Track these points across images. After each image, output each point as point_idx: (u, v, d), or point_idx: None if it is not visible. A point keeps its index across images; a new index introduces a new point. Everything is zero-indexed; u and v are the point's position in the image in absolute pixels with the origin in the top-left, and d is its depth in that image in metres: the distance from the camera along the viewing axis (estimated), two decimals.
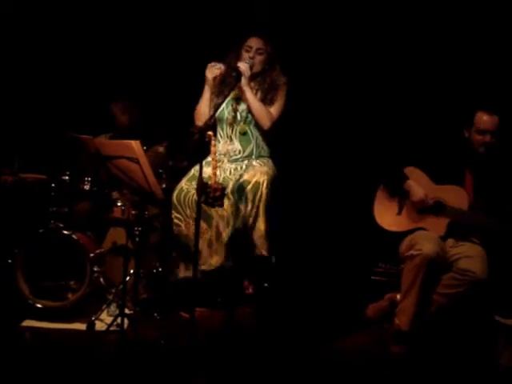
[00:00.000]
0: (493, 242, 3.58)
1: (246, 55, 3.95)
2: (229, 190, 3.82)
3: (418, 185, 3.66)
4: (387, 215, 3.77)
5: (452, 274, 3.49)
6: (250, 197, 3.80)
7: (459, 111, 3.88)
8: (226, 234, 3.85)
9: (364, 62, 4.70)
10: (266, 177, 3.85)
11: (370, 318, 3.82)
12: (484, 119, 3.59)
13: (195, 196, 3.75)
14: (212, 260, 3.86)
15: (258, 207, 3.80)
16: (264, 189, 3.81)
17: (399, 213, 3.75)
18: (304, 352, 3.47)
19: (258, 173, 3.87)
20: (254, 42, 3.96)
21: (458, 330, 3.59)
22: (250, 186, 3.82)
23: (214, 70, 3.92)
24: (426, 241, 3.49)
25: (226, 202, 3.81)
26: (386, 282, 4.03)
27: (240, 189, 3.83)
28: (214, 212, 3.84)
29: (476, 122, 3.61)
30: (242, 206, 3.82)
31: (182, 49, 4.96)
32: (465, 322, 3.60)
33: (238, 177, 3.91)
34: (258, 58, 3.96)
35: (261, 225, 3.81)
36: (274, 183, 3.92)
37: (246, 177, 3.88)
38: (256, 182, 3.82)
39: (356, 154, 4.69)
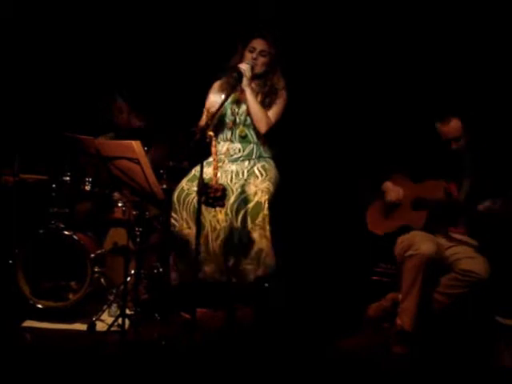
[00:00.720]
0: (478, 228, 3.66)
1: (249, 56, 3.94)
2: (228, 204, 3.77)
3: (398, 185, 3.77)
4: (377, 221, 3.89)
5: (454, 275, 3.53)
6: (249, 218, 3.77)
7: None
8: (212, 246, 3.80)
9: (365, 64, 4.71)
10: (266, 196, 3.81)
11: (372, 318, 3.83)
12: (443, 130, 3.70)
13: (195, 199, 3.75)
14: (205, 268, 3.82)
15: (262, 228, 3.77)
16: (266, 210, 3.78)
17: (386, 216, 3.85)
18: (304, 352, 3.47)
19: (259, 191, 3.83)
20: (258, 44, 3.95)
21: (458, 330, 3.60)
22: (251, 206, 3.79)
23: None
24: (422, 240, 3.54)
25: (222, 216, 3.79)
26: (386, 282, 4.04)
27: (240, 206, 3.79)
28: (208, 222, 3.82)
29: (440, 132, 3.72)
30: (235, 224, 3.78)
31: (182, 48, 4.96)
32: (465, 322, 3.61)
33: (239, 189, 3.86)
34: (261, 60, 3.94)
35: (267, 244, 3.78)
36: (277, 190, 3.91)
37: (247, 193, 3.83)
38: (257, 202, 3.79)
39: (357, 155, 4.69)
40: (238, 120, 4.00)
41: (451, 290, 3.53)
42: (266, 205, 3.78)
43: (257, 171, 3.95)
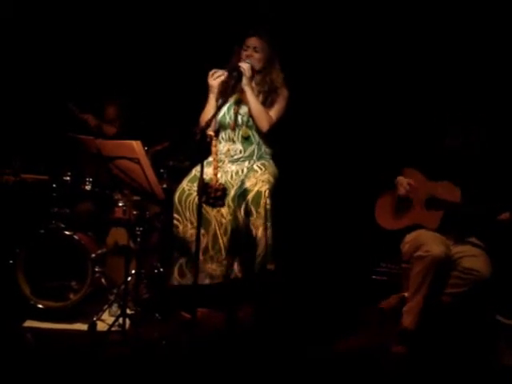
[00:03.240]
0: (488, 235, 3.61)
1: (243, 54, 3.95)
2: (229, 197, 3.78)
3: (409, 178, 3.71)
4: (387, 216, 3.81)
5: (456, 273, 3.51)
6: (252, 208, 3.77)
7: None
8: (222, 242, 3.81)
9: (366, 62, 4.71)
10: (267, 186, 3.81)
11: (386, 311, 3.81)
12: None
13: (196, 198, 3.75)
14: (211, 268, 3.81)
15: (262, 218, 3.77)
16: (265, 199, 3.77)
17: (397, 212, 3.77)
18: (305, 352, 3.47)
19: (259, 181, 3.83)
20: (251, 41, 3.96)
21: (459, 329, 3.59)
22: (251, 196, 3.78)
23: (216, 77, 3.90)
24: (433, 242, 3.50)
25: (226, 210, 3.79)
26: (388, 281, 4.03)
27: (241, 198, 3.79)
28: (213, 218, 3.82)
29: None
30: (240, 215, 3.79)
31: (182, 48, 4.96)
32: (467, 321, 3.60)
33: (239, 183, 3.87)
34: (256, 56, 3.95)
35: (266, 235, 3.78)
36: (275, 188, 3.90)
37: (247, 184, 3.83)
38: (258, 191, 3.79)
39: (359, 154, 4.69)
40: (240, 121, 3.99)
41: (454, 288, 3.51)
42: (267, 194, 3.78)
43: (256, 167, 3.96)
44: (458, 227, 3.61)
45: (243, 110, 3.99)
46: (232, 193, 3.80)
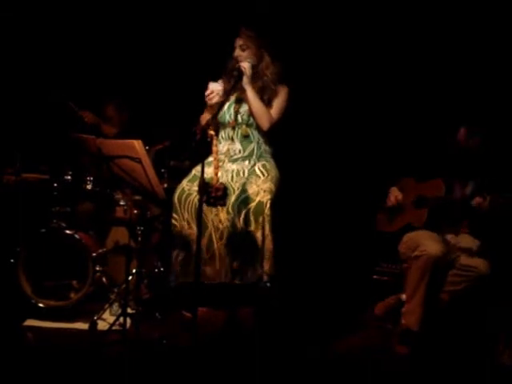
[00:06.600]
0: (478, 226, 3.69)
1: (234, 56, 3.96)
2: (230, 202, 3.77)
3: (403, 187, 3.81)
4: (384, 220, 3.94)
5: (455, 271, 3.55)
6: (252, 218, 3.75)
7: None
8: (217, 247, 3.80)
9: (366, 62, 4.71)
10: (269, 196, 3.79)
11: (379, 316, 3.83)
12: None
13: (196, 199, 3.75)
14: (206, 271, 3.81)
15: (263, 228, 3.76)
16: (267, 210, 3.75)
17: (391, 215, 3.87)
18: (305, 352, 3.47)
19: (261, 191, 3.81)
20: (237, 42, 3.95)
21: (459, 329, 3.60)
22: (252, 206, 3.76)
23: (212, 97, 3.83)
24: (429, 241, 3.52)
25: (224, 215, 3.79)
26: (388, 281, 4.04)
27: (241, 206, 3.77)
28: (210, 222, 3.81)
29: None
30: (238, 224, 3.78)
31: (182, 47, 4.97)
32: (466, 321, 3.61)
33: (240, 187, 3.86)
34: (243, 54, 3.94)
35: (265, 245, 3.78)
36: (277, 190, 3.89)
37: (249, 192, 3.80)
38: (259, 202, 3.77)
39: (360, 155, 4.70)
40: (240, 119, 3.99)
41: (453, 286, 3.55)
42: (268, 205, 3.77)
43: (258, 171, 3.94)
44: (448, 221, 3.65)
45: (243, 108, 3.98)
46: (233, 199, 3.78)
